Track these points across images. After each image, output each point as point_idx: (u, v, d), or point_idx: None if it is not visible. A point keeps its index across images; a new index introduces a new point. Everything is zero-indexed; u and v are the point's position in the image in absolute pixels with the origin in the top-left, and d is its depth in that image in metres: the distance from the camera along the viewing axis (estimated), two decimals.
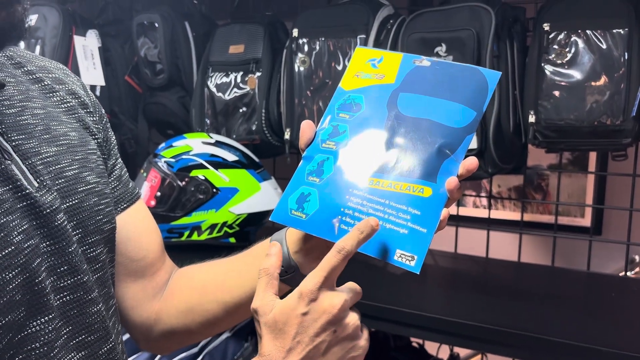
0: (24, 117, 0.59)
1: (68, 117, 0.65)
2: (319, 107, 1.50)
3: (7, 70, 0.61)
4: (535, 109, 1.29)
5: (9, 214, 0.51)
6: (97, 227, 0.62)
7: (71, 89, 0.68)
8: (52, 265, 0.55)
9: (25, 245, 0.52)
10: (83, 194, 0.61)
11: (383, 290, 1.34)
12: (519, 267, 1.54)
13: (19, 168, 0.54)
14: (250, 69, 1.59)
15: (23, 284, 0.51)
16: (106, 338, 0.62)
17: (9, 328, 0.50)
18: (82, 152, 0.64)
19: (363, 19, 1.45)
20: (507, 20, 1.35)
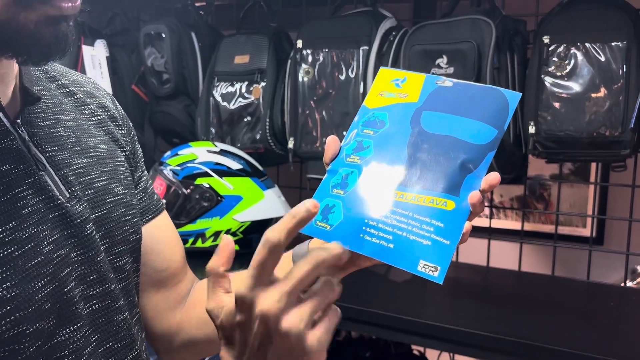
0: (57, 130, 0.61)
1: (98, 130, 0.67)
2: (322, 116, 1.52)
3: (43, 84, 0.64)
4: (535, 120, 1.31)
5: (39, 225, 0.53)
6: (124, 238, 0.64)
7: (101, 102, 0.70)
8: (81, 274, 0.57)
9: (54, 255, 0.54)
10: (111, 205, 0.63)
11: (384, 297, 1.35)
12: (520, 276, 1.56)
13: (52, 178, 0.56)
14: (255, 79, 1.62)
15: (52, 293, 0.53)
16: (132, 345, 0.64)
17: (37, 336, 0.51)
18: (110, 164, 0.66)
19: (366, 31, 1.47)
20: (508, 32, 1.37)
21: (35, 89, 0.60)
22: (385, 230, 0.60)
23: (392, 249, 0.59)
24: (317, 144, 1.53)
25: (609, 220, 1.82)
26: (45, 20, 0.51)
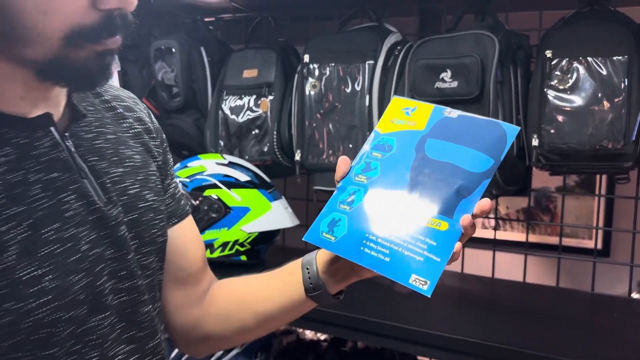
0: (98, 142, 0.68)
1: (134, 142, 0.73)
2: (328, 129, 1.55)
3: (89, 99, 0.71)
4: (539, 133, 1.33)
5: (80, 226, 0.61)
6: (151, 239, 0.71)
7: (139, 116, 0.77)
8: (113, 270, 0.64)
9: (90, 252, 0.61)
10: (142, 210, 0.70)
11: (390, 308, 1.37)
12: (524, 287, 1.57)
13: (92, 186, 0.64)
14: (262, 92, 1.65)
15: (86, 285, 0.60)
16: (153, 335, 0.70)
17: (71, 322, 0.59)
18: (143, 173, 0.72)
19: (372, 46, 1.50)
20: (511, 47, 1.39)
21: (82, 105, 0.68)
22: (383, 245, 0.66)
23: (388, 262, 0.64)
24: (324, 156, 1.56)
25: (616, 232, 1.82)
26: (94, 55, 0.59)
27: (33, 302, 0.56)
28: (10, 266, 0.55)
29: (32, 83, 0.60)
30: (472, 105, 1.35)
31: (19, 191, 0.57)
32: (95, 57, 0.59)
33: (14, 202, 0.57)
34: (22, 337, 0.56)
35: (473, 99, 1.34)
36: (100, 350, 0.62)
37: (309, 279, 0.75)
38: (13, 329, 0.55)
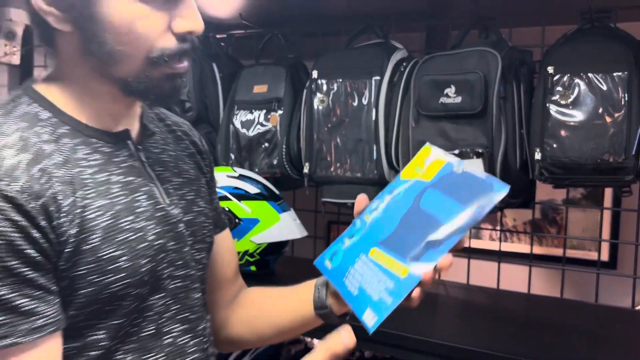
0: (163, 156, 0.83)
1: (189, 159, 0.88)
2: (336, 143, 1.59)
3: (155, 122, 0.86)
4: (541, 147, 1.36)
5: (148, 220, 0.74)
6: (202, 238, 0.84)
7: (192, 140, 0.92)
8: (172, 259, 0.77)
9: (155, 243, 0.74)
10: (196, 213, 0.83)
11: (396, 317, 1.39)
12: (529, 298, 1.59)
13: (158, 189, 0.78)
14: (272, 107, 1.69)
15: (150, 269, 0.73)
16: (202, 318, 0.82)
17: (136, 297, 0.72)
18: (196, 184, 0.86)
19: (378, 62, 1.54)
20: (514, 63, 1.43)
21: (150, 126, 0.83)
22: (357, 279, 0.74)
23: (355, 296, 0.73)
24: (332, 169, 1.60)
25: (623, 245, 1.84)
26: (165, 77, 0.72)
27: (111, 277, 0.69)
28: (96, 246, 0.69)
29: (117, 100, 0.75)
30: (476, 119, 1.38)
31: (104, 188, 0.71)
32: (166, 78, 0.72)
33: (100, 196, 0.71)
34: (99, 305, 0.69)
35: (476, 114, 1.37)
36: (156, 326, 0.75)
37: (317, 298, 0.85)
38: (95, 298, 0.69)
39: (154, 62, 0.70)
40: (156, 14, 0.69)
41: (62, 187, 0.67)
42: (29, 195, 0.64)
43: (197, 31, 0.72)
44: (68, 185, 0.68)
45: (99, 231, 0.69)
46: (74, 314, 0.68)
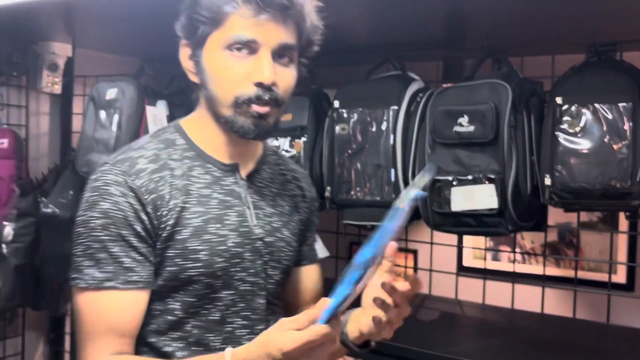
0: (265, 190, 1.03)
1: (289, 199, 1.08)
2: (356, 167, 1.68)
3: (272, 166, 1.08)
4: (551, 173, 1.43)
5: (232, 231, 0.95)
6: (279, 259, 1.02)
7: (300, 185, 1.12)
8: (245, 266, 0.96)
9: (233, 249, 0.95)
10: (277, 238, 1.02)
11: (414, 334, 1.47)
12: (542, 318, 1.64)
13: (249, 212, 0.99)
14: (296, 134, 1.80)
15: (223, 267, 0.94)
16: (263, 320, 0.98)
17: (207, 286, 0.93)
18: (287, 218, 1.05)
19: (396, 92, 1.64)
20: (525, 93, 1.51)
21: (264, 167, 1.05)
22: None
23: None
24: (352, 193, 1.69)
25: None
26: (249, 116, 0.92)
27: (190, 264, 0.92)
28: (184, 238, 0.92)
29: (228, 138, 0.97)
30: (488, 147, 1.46)
31: (204, 199, 0.95)
32: (250, 116, 0.91)
33: (199, 204, 0.94)
34: (178, 283, 0.92)
35: (489, 142, 1.46)
36: (222, 314, 0.95)
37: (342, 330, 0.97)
38: (175, 276, 0.92)
39: (238, 104, 0.91)
40: (239, 65, 0.90)
41: (171, 191, 0.92)
42: (145, 190, 0.91)
43: (264, 82, 0.89)
44: (177, 191, 0.93)
45: (190, 228, 0.92)
46: (161, 284, 0.93)
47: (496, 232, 1.50)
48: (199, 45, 0.92)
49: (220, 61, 0.90)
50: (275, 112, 0.93)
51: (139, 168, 0.92)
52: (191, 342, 0.94)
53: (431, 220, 1.56)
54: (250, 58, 0.89)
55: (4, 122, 2.25)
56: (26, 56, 2.24)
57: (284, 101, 0.94)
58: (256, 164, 1.03)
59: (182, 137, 0.98)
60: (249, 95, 0.90)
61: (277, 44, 0.90)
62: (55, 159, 2.42)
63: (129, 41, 2.20)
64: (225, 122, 0.93)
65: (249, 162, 1.02)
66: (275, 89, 0.91)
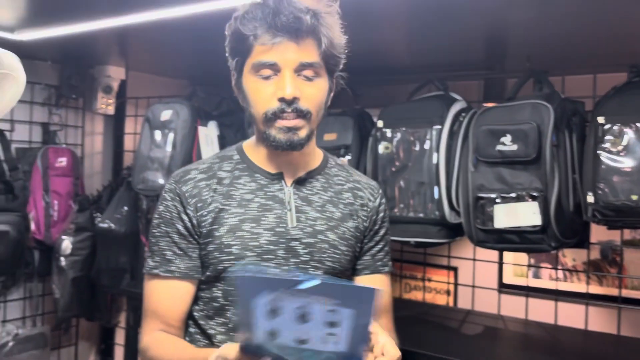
0: (312, 196, 1.09)
1: (343, 207, 1.12)
2: (399, 185, 1.74)
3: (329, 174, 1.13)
4: (594, 191, 1.46)
5: (266, 230, 1.04)
6: (320, 260, 1.06)
7: (360, 195, 1.15)
8: (278, 263, 1.04)
9: (265, 246, 1.03)
10: (320, 240, 1.07)
11: (460, 348, 1.50)
12: (586, 334, 1.66)
13: (290, 215, 1.06)
14: (341, 153, 1.86)
15: (256, 262, 1.02)
16: None
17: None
18: (335, 222, 1.09)
19: (439, 112, 1.69)
20: (566, 113, 1.55)
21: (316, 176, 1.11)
22: None
23: None
24: (395, 210, 1.74)
25: None
26: (278, 129, 1.01)
27: (225, 257, 1.03)
28: (220, 235, 1.03)
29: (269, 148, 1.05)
30: (531, 165, 1.50)
31: (245, 202, 1.06)
32: (279, 130, 1.01)
33: (239, 206, 1.05)
34: (218, 273, 1.03)
35: (531, 161, 1.49)
36: None
37: None
38: (216, 267, 1.03)
39: (267, 119, 1.01)
40: (264, 86, 1.01)
41: (215, 196, 1.06)
42: (190, 195, 1.06)
43: (285, 97, 0.99)
44: (219, 196, 1.06)
45: (226, 226, 1.04)
46: (208, 274, 1.05)
47: (539, 248, 1.53)
48: (239, 73, 1.05)
49: (252, 84, 1.02)
50: (305, 124, 1.01)
51: (189, 177, 1.08)
52: (230, 327, 1.05)
53: (475, 237, 1.60)
54: (275, 78, 1.00)
55: (63, 141, 2.39)
56: (84, 80, 2.38)
57: (310, 112, 1.01)
58: (307, 173, 1.10)
59: (238, 153, 1.12)
60: (274, 110, 1.00)
61: (298, 63, 1.00)
62: (108, 177, 2.55)
63: (178, 65, 2.32)
64: (264, 137, 1.03)
65: (297, 171, 1.09)
66: (298, 102, 1.00)
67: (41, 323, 2.36)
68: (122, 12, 1.50)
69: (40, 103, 2.35)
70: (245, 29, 1.00)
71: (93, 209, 2.25)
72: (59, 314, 2.20)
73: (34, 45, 1.84)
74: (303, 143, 1.02)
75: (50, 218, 2.22)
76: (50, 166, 2.24)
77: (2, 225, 2.01)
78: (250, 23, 1.00)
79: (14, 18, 1.65)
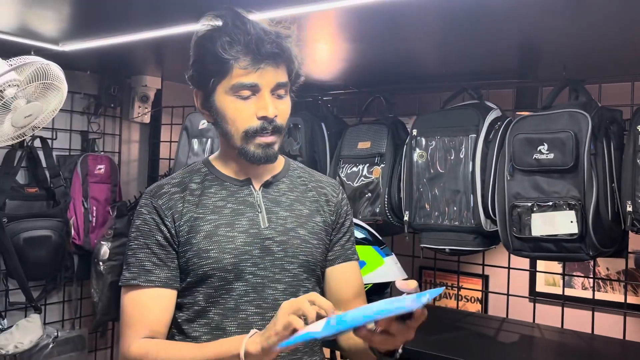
0: (281, 198, 1.17)
1: (310, 204, 1.19)
2: (434, 193, 1.75)
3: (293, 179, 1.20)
4: (633, 200, 1.45)
5: (241, 233, 1.10)
6: (294, 255, 1.13)
7: (323, 192, 1.22)
8: (254, 262, 1.10)
9: (241, 247, 1.10)
10: (290, 237, 1.13)
11: (499, 355, 1.50)
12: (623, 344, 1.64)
13: (262, 217, 1.13)
14: (375, 161, 1.89)
15: (233, 262, 1.09)
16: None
17: (220, 279, 1.09)
18: (304, 219, 1.16)
19: (474, 121, 1.70)
20: (604, 121, 1.54)
21: (281, 179, 1.18)
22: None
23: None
24: (430, 218, 1.75)
25: None
26: (257, 145, 1.09)
27: (204, 262, 1.09)
28: (198, 242, 1.09)
29: (241, 161, 1.13)
30: (568, 174, 1.50)
31: (217, 209, 1.12)
32: (260, 147, 1.09)
33: (212, 213, 1.11)
34: (198, 278, 1.09)
35: (568, 169, 1.49)
36: (235, 303, 1.09)
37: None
38: (195, 272, 1.09)
39: (247, 136, 1.08)
40: (244, 105, 1.07)
41: (188, 206, 1.12)
42: (166, 207, 1.12)
43: (268, 116, 1.06)
44: (193, 206, 1.12)
45: (202, 233, 1.10)
46: (189, 280, 1.10)
47: (577, 257, 1.52)
48: (210, 92, 1.10)
49: (229, 104, 1.08)
50: (278, 139, 1.11)
51: (163, 191, 1.14)
52: (212, 327, 1.10)
53: (511, 245, 1.60)
54: (253, 98, 1.07)
55: (101, 149, 2.46)
56: (122, 89, 2.45)
57: (283, 128, 1.11)
58: (272, 177, 1.17)
59: (205, 166, 1.18)
60: (255, 128, 1.07)
61: (275, 84, 1.08)
62: (144, 183, 2.61)
63: None
64: (239, 152, 1.10)
65: (263, 176, 1.17)
66: (276, 120, 1.08)
67: (79, 326, 2.42)
68: (159, 25, 1.54)
69: (79, 112, 2.42)
70: (226, 53, 1.05)
71: (130, 215, 2.30)
72: (96, 317, 2.25)
73: (75, 56, 1.90)
74: (276, 156, 1.12)
75: (89, 224, 2.28)
76: (89, 173, 2.31)
77: (45, 231, 2.07)
78: (232, 48, 1.05)
79: (59, 30, 1.71)
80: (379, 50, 1.64)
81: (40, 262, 2.07)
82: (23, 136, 1.75)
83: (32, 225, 2.05)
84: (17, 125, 1.67)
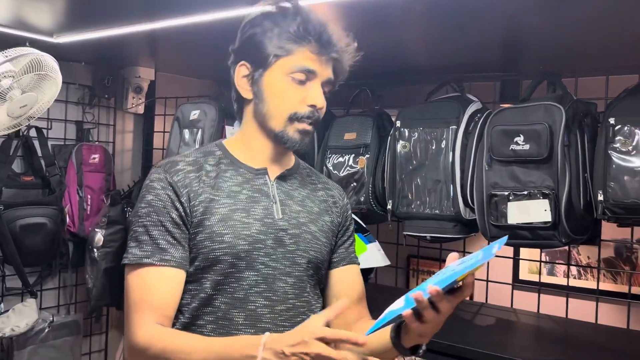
0: (294, 192, 1.17)
1: (319, 203, 1.20)
2: (416, 183, 1.81)
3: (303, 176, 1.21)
4: (604, 189, 1.51)
5: (256, 220, 1.09)
6: (305, 249, 1.13)
7: (331, 194, 1.24)
8: (267, 252, 1.09)
9: (256, 235, 1.08)
10: (303, 231, 1.13)
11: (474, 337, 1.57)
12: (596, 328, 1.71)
13: (276, 207, 1.12)
14: (360, 151, 1.94)
15: (246, 249, 1.07)
16: (284, 302, 1.08)
17: (231, 265, 1.06)
18: (315, 216, 1.17)
19: (455, 113, 1.76)
20: (578, 114, 1.60)
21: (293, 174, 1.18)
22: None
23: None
24: (412, 206, 1.81)
25: None
26: (298, 131, 1.09)
27: (217, 245, 1.06)
28: (212, 224, 1.06)
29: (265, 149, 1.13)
30: (543, 164, 1.56)
31: (233, 194, 1.10)
32: (299, 132, 1.09)
33: (228, 197, 1.09)
34: (208, 263, 1.06)
35: (543, 160, 1.56)
36: (245, 293, 1.07)
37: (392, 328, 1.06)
38: (206, 257, 1.06)
39: (290, 119, 1.08)
40: (296, 89, 1.08)
41: (203, 187, 1.09)
42: (181, 184, 1.08)
43: (318, 106, 1.09)
44: (208, 187, 1.09)
45: (217, 215, 1.07)
46: (196, 265, 1.07)
47: (550, 244, 1.59)
48: (263, 67, 1.09)
49: (281, 84, 1.07)
50: (313, 131, 1.12)
51: (178, 168, 1.10)
52: (219, 316, 1.06)
53: (488, 233, 1.67)
54: (305, 85, 1.07)
55: (96, 139, 2.51)
56: (116, 80, 2.50)
57: (320, 122, 1.12)
58: (287, 170, 1.17)
59: (220, 150, 1.16)
60: (302, 114, 1.07)
61: (327, 78, 1.10)
62: (138, 173, 2.67)
63: (204, 66, 2.41)
64: (275, 135, 1.09)
65: (279, 168, 1.15)
66: (320, 112, 1.10)
67: (74, 311, 2.48)
68: (153, 18, 1.59)
69: (74, 102, 2.47)
70: (304, 33, 1.06)
71: (124, 203, 2.36)
72: (91, 303, 2.31)
73: (69, 48, 1.95)
74: (308, 145, 1.13)
75: (83, 212, 2.34)
76: (84, 162, 2.36)
77: (40, 218, 2.13)
78: (307, 32, 1.06)
79: (53, 22, 1.76)
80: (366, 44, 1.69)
81: (36, 248, 2.13)
82: (19, 126, 1.81)
83: (28, 213, 2.11)
84: (13, 116, 1.73)
